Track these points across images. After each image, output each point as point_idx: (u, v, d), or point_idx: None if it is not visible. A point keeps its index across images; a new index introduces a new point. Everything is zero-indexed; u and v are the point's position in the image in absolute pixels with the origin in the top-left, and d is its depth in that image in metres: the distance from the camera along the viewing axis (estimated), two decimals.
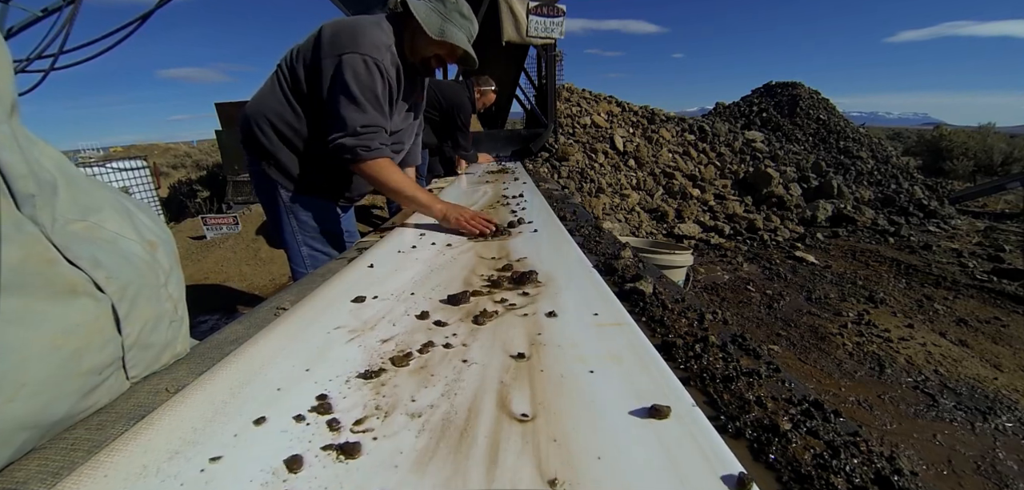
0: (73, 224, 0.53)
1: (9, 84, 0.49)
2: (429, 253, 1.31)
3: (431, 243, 1.41)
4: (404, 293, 0.97)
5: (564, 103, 7.87)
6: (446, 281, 1.05)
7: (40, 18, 3.00)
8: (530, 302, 0.91)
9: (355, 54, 1.42)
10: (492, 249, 1.34)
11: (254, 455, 0.49)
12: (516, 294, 0.96)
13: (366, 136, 1.46)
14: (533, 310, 0.87)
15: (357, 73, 1.42)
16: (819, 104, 12.11)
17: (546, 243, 1.39)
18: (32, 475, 0.46)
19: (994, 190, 8.71)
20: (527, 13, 4.25)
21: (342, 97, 1.43)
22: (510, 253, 1.29)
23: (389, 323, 0.82)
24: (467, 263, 1.21)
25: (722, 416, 0.60)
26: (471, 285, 1.02)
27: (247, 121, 1.59)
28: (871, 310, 3.94)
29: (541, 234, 1.51)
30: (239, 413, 0.56)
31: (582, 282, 1.03)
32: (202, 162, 13.24)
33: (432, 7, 1.52)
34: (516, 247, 1.35)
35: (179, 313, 0.69)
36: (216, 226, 5.21)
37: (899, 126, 39.80)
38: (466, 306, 0.90)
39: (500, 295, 0.95)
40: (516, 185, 2.70)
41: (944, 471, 2.16)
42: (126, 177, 8.02)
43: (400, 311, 0.87)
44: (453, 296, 0.91)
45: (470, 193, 2.51)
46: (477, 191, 2.56)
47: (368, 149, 1.47)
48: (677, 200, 6.73)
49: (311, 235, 1.69)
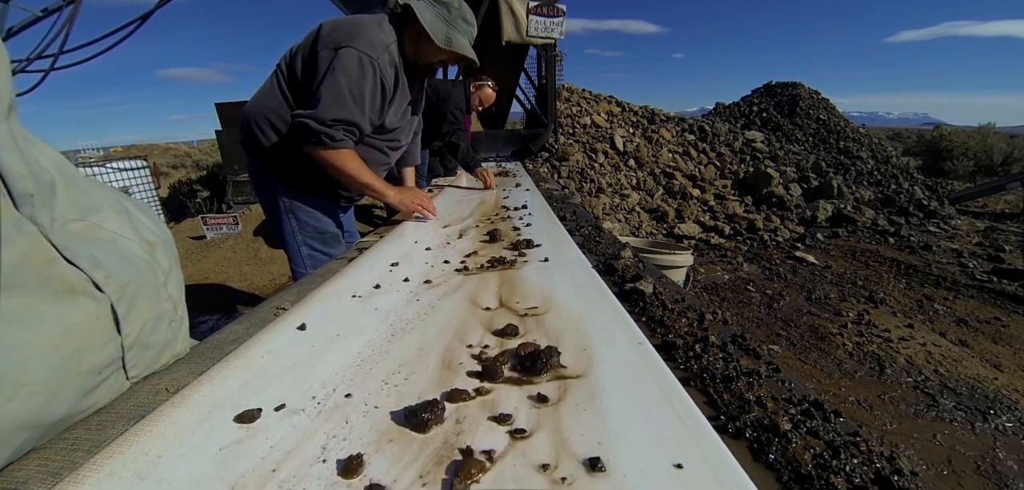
0: (72, 224, 0.53)
1: (7, 84, 0.48)
2: (399, 295, 0.97)
3: (404, 278, 1.07)
4: (332, 392, 0.61)
5: (564, 103, 7.87)
6: (411, 358, 0.70)
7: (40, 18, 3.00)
8: (550, 420, 0.54)
9: (351, 49, 1.41)
10: (490, 287, 1.02)
11: (255, 453, 0.49)
12: (524, 395, 0.59)
13: (335, 128, 1.44)
14: (558, 451, 0.49)
15: (348, 68, 1.41)
16: (819, 104, 12.11)
17: (566, 282, 1.02)
18: (32, 475, 0.45)
19: (994, 190, 8.71)
20: (527, 13, 4.25)
21: (327, 85, 1.41)
22: (514, 297, 0.95)
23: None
24: (451, 316, 0.86)
25: (722, 416, 0.60)
26: (451, 369, 0.67)
27: (246, 121, 1.59)
28: (871, 310, 3.93)
29: (555, 265, 1.16)
30: (238, 411, 0.56)
31: (636, 370, 0.65)
32: (202, 162, 13.24)
33: (437, 13, 1.53)
34: (522, 286, 1.01)
35: (179, 313, 0.69)
36: (216, 226, 5.21)
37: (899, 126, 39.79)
38: (436, 432, 0.53)
39: (495, 397, 0.59)
40: (518, 193, 2.36)
41: (944, 471, 2.16)
42: (126, 177, 8.02)
43: (310, 453, 0.49)
44: (412, 412, 0.54)
45: (465, 201, 2.22)
46: (473, 198, 2.28)
47: (332, 140, 1.45)
48: (677, 200, 6.73)
49: (311, 235, 1.69)
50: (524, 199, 2.16)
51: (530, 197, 2.23)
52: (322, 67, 1.43)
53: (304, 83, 1.51)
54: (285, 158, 1.58)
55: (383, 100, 1.54)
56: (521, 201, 2.10)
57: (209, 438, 0.51)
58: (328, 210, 1.73)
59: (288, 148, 1.56)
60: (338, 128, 1.44)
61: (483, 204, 2.13)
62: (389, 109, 1.59)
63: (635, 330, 0.77)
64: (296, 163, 1.59)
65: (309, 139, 1.45)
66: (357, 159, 1.55)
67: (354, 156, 1.54)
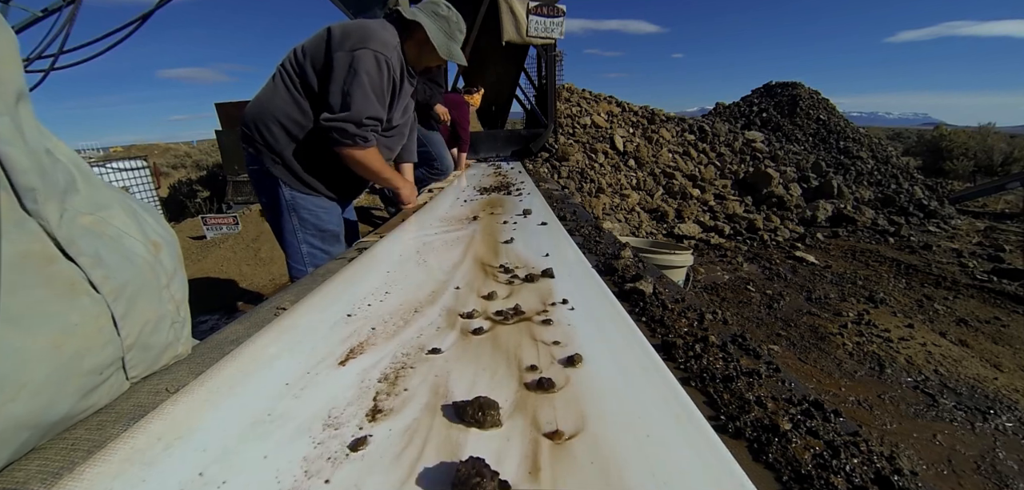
0: (82, 216, 0.53)
1: (16, 72, 0.48)
2: None
3: (371, 327, 0.81)
4: None
5: (564, 103, 7.88)
6: None
7: (40, 18, 3.00)
8: None
9: (368, 50, 1.51)
10: None
11: (252, 453, 0.49)
12: None
13: (367, 128, 1.57)
14: None
15: (369, 69, 1.52)
16: (819, 104, 12.11)
17: None
18: (32, 475, 0.45)
19: (994, 190, 8.72)
20: (527, 13, 4.25)
21: (355, 87, 1.51)
22: None
23: None
24: None
25: (722, 416, 0.60)
26: None
27: (250, 122, 1.62)
28: (871, 310, 3.94)
29: None
30: (238, 411, 0.56)
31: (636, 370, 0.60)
32: (202, 162, 13.24)
33: (438, 26, 1.68)
34: None
35: (181, 315, 0.69)
36: (216, 226, 5.22)
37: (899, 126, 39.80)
38: None
39: None
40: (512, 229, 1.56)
41: (944, 471, 2.16)
42: (126, 177, 8.02)
43: (309, 453, 0.48)
44: None
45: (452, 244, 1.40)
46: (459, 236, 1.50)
47: (366, 140, 1.59)
48: (677, 200, 6.73)
49: (311, 233, 1.72)
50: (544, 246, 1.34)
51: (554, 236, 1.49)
52: (341, 70, 1.52)
53: (319, 85, 1.59)
54: (292, 157, 1.63)
55: (392, 96, 1.66)
56: (542, 254, 1.26)
57: (209, 438, 0.51)
58: (330, 208, 1.77)
59: (296, 147, 1.63)
60: (369, 128, 1.58)
61: (470, 240, 1.45)
62: (395, 105, 1.71)
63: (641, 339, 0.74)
64: (303, 162, 1.65)
65: (345, 141, 1.56)
66: (380, 156, 1.69)
67: (378, 153, 1.68)
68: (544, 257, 1.23)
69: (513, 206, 2.05)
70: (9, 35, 0.49)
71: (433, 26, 1.66)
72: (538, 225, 1.64)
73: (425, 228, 1.65)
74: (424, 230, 1.62)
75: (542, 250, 1.30)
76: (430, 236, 1.52)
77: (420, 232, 1.59)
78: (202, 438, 0.51)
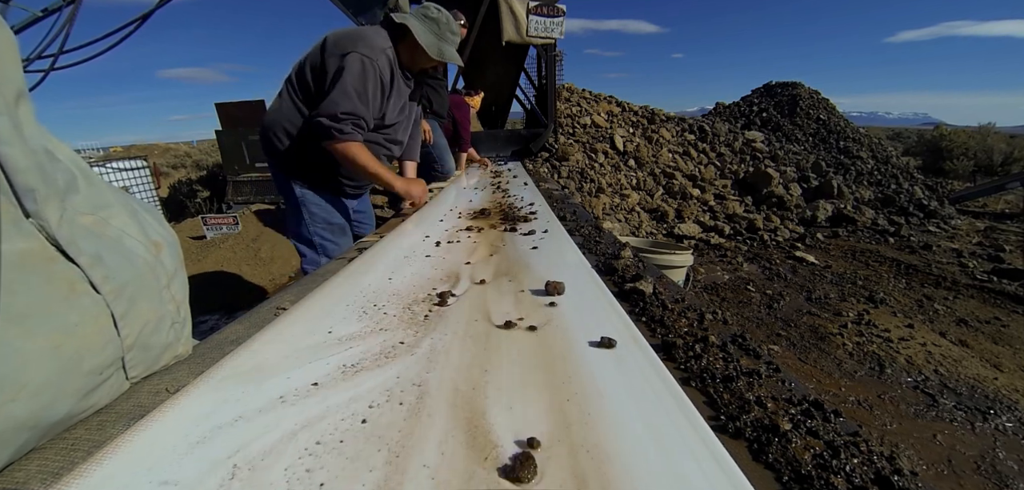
0: (83, 216, 0.53)
1: (15, 72, 0.48)
2: None
3: (371, 328, 0.80)
4: None
5: (564, 103, 7.87)
6: None
7: (40, 18, 2.99)
8: None
9: (355, 54, 1.63)
10: None
11: (252, 453, 0.49)
12: None
13: (343, 122, 1.63)
14: None
15: (353, 70, 1.62)
16: (819, 104, 12.11)
17: None
18: (32, 475, 0.46)
19: (994, 190, 8.71)
20: (527, 13, 4.25)
21: (336, 86, 1.63)
22: None
23: None
24: None
25: (722, 416, 0.60)
26: None
27: (265, 132, 1.80)
28: (871, 310, 3.93)
29: None
30: (238, 411, 0.56)
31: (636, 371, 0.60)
32: (202, 162, 13.23)
33: (428, 28, 1.78)
34: None
35: (182, 315, 0.69)
36: (216, 226, 5.22)
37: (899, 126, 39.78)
38: None
39: None
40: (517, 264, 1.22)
41: (944, 471, 2.16)
42: (126, 177, 8.01)
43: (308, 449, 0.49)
44: None
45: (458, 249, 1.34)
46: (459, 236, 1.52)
47: (342, 133, 1.65)
48: (677, 200, 6.72)
49: (321, 226, 1.89)
50: None
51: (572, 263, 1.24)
52: (329, 73, 1.65)
53: (316, 89, 1.71)
54: (299, 159, 1.79)
55: (383, 96, 1.76)
56: None
57: (210, 438, 0.51)
58: (337, 204, 1.93)
59: (301, 150, 1.77)
60: (346, 122, 1.64)
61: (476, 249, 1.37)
62: (388, 104, 1.80)
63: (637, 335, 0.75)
64: (308, 163, 1.80)
65: (323, 136, 1.65)
66: (366, 151, 1.74)
67: (363, 148, 1.73)
68: (532, 249, 1.23)
69: (514, 210, 2.07)
70: (9, 35, 0.49)
71: (421, 28, 1.76)
72: (541, 234, 1.64)
73: (425, 228, 1.68)
74: (424, 230, 1.65)
75: (542, 250, 1.30)
76: (430, 236, 1.54)
77: (420, 232, 1.61)
78: (202, 438, 0.51)
